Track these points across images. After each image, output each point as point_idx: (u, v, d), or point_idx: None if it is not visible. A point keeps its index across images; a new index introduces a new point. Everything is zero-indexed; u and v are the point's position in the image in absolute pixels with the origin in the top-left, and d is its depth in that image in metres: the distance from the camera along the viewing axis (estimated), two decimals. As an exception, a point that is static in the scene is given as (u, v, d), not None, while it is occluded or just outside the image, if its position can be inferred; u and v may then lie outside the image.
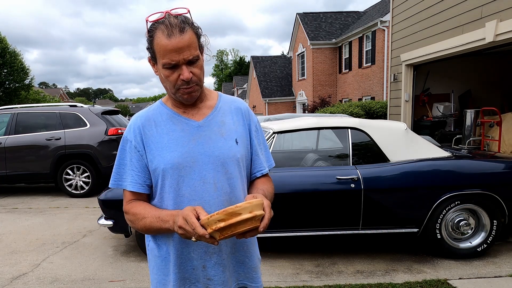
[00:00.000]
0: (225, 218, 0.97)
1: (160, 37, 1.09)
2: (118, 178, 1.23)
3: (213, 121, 1.23)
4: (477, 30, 5.77)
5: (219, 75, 69.96)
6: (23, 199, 6.81)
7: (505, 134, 6.60)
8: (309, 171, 3.54)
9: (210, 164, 1.18)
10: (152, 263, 1.27)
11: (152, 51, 1.14)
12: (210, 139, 1.20)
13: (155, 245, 1.25)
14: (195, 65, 1.13)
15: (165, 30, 1.08)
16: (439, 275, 3.15)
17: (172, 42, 1.08)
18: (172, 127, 1.20)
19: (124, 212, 1.23)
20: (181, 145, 1.18)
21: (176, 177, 1.17)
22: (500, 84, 8.83)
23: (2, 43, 23.78)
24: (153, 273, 1.27)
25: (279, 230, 3.47)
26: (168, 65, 1.11)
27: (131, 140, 1.21)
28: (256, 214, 1.00)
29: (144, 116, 1.23)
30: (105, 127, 6.66)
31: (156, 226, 1.14)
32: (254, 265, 1.30)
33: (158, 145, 1.18)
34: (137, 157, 1.20)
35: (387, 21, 15.20)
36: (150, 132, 1.20)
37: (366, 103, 12.11)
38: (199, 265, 1.20)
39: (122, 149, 1.23)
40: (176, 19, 1.10)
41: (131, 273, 3.46)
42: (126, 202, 1.23)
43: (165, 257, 1.23)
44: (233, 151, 1.22)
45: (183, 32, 1.09)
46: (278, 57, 31.39)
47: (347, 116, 7.07)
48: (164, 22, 1.10)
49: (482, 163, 3.57)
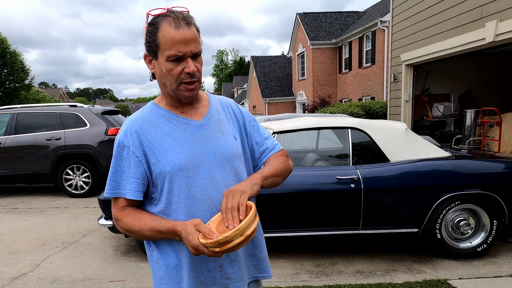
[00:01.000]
0: (218, 246, 0.98)
1: (167, 28, 1.08)
2: (116, 186, 1.16)
3: (211, 120, 1.23)
4: (477, 30, 5.77)
5: (219, 75, 69.97)
6: (23, 199, 6.81)
7: (505, 134, 6.60)
8: (309, 171, 3.54)
9: (217, 162, 1.18)
10: (159, 273, 1.21)
11: (155, 44, 1.11)
12: (213, 137, 1.20)
13: (160, 255, 1.20)
14: (198, 61, 1.13)
15: (173, 22, 1.08)
16: (439, 275, 3.15)
17: (180, 33, 1.08)
18: (172, 128, 1.18)
19: (115, 219, 1.17)
20: (186, 145, 1.16)
21: (185, 178, 1.14)
22: (500, 84, 8.83)
23: (3, 43, 23.79)
24: (161, 284, 1.21)
25: (279, 230, 3.47)
26: (174, 57, 1.09)
27: (129, 145, 1.15)
28: (248, 234, 0.99)
29: (140, 119, 1.19)
30: (105, 127, 6.66)
31: (155, 237, 1.14)
32: (264, 255, 1.31)
33: (160, 148, 1.15)
34: (135, 163, 1.15)
35: (387, 21, 15.20)
36: (150, 135, 1.16)
37: (366, 103, 12.11)
38: (215, 266, 1.18)
39: (118, 155, 1.16)
40: (180, 13, 1.11)
41: (131, 273, 3.46)
42: (118, 209, 1.17)
43: (176, 264, 1.18)
44: (235, 147, 1.23)
45: (190, 25, 1.10)
46: (278, 57, 31.39)
47: (347, 116, 7.07)
48: (170, 15, 1.10)
49: (482, 163, 3.57)
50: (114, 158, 1.18)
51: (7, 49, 24.13)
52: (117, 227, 1.19)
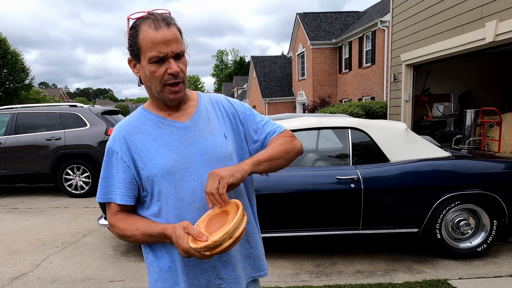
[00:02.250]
0: (208, 250, 0.98)
1: (147, 30, 1.09)
2: (107, 191, 1.18)
3: (199, 120, 1.22)
4: (477, 30, 5.77)
5: (219, 75, 70.00)
6: (23, 199, 6.81)
7: (505, 134, 6.60)
8: (309, 171, 3.54)
9: (205, 163, 1.17)
10: (154, 276, 1.22)
11: (136, 47, 1.12)
12: (200, 138, 1.19)
13: (154, 258, 1.21)
14: (181, 61, 1.13)
15: (152, 24, 1.09)
16: (439, 275, 3.15)
17: (159, 34, 1.08)
18: (159, 131, 1.17)
19: (110, 225, 1.19)
20: (172, 148, 1.16)
21: (173, 182, 1.14)
22: (500, 84, 8.83)
23: (4, 43, 23.80)
24: (156, 286, 1.22)
25: (279, 230, 3.47)
26: (155, 58, 1.09)
27: (117, 151, 1.17)
28: (237, 236, 0.99)
29: (128, 124, 1.20)
30: (105, 127, 6.66)
31: (148, 241, 1.15)
32: (259, 253, 1.30)
33: (147, 152, 1.15)
34: (123, 168, 1.16)
35: (387, 21, 15.19)
36: (137, 139, 1.17)
37: (366, 103, 12.11)
38: (208, 267, 1.18)
39: (108, 161, 1.19)
40: (160, 15, 1.12)
41: (131, 273, 3.46)
42: (112, 214, 1.18)
43: (170, 267, 1.18)
44: (225, 146, 1.21)
45: (169, 25, 1.10)
46: (278, 57, 31.38)
47: (347, 116, 7.06)
48: (149, 17, 1.10)
49: (482, 163, 3.57)
50: (104, 163, 1.20)
51: (8, 49, 24.14)
52: (113, 232, 1.20)
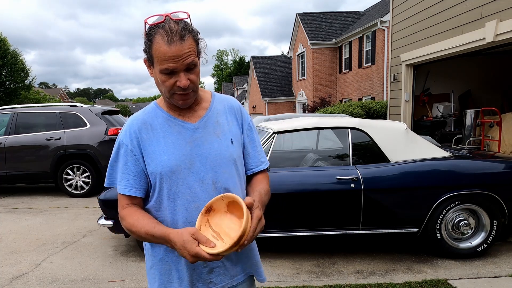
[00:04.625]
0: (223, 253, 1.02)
1: (160, 43, 1.07)
2: (113, 178, 1.25)
3: (208, 122, 1.24)
4: (477, 30, 5.77)
5: (219, 75, 69.98)
6: (23, 199, 6.81)
7: (505, 134, 6.60)
8: (309, 171, 3.54)
9: (208, 165, 1.19)
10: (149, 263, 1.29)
11: (149, 55, 1.12)
12: (206, 140, 1.21)
13: (150, 245, 1.27)
14: (193, 72, 1.12)
15: (165, 36, 1.06)
16: (439, 275, 3.15)
17: (172, 49, 1.06)
18: (168, 130, 1.20)
19: (120, 217, 1.22)
20: (178, 148, 1.18)
21: (175, 180, 1.17)
22: (500, 84, 8.82)
23: (4, 43, 23.80)
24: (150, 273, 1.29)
25: (279, 230, 3.47)
26: (165, 71, 1.09)
27: (127, 144, 1.20)
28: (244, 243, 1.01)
29: (140, 120, 1.23)
30: (105, 127, 6.66)
31: (150, 241, 1.17)
32: (256, 260, 1.34)
33: (155, 149, 1.18)
34: (133, 161, 1.19)
35: (387, 21, 15.19)
36: (147, 135, 1.20)
37: (366, 103, 12.11)
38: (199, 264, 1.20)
39: (117, 152, 1.23)
40: (176, 25, 1.08)
41: (131, 273, 3.46)
42: (122, 207, 1.22)
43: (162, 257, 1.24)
44: (229, 151, 1.23)
45: (183, 40, 1.07)
46: (278, 57, 31.38)
47: (347, 116, 7.07)
48: (164, 27, 1.07)
49: (482, 163, 3.57)
50: (113, 154, 1.24)
51: (8, 49, 24.14)
52: (122, 225, 1.22)
